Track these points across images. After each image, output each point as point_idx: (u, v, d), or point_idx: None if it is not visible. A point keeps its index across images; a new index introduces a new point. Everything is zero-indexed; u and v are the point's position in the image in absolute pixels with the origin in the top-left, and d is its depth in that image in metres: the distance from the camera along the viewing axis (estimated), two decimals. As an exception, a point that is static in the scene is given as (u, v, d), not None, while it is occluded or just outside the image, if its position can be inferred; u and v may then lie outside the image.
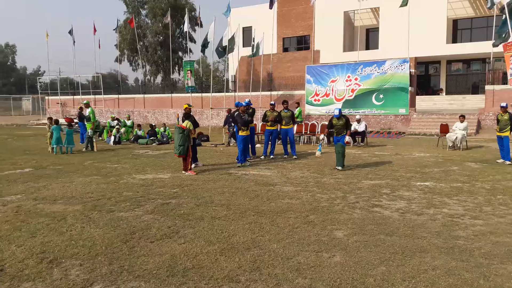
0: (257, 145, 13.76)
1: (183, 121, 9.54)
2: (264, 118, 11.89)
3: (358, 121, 15.49)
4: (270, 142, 11.94)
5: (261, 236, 4.91)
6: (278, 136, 12.50)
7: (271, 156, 11.81)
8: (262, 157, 11.74)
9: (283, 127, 11.93)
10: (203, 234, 4.97)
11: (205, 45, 22.03)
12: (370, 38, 30.89)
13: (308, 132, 16.36)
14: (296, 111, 16.78)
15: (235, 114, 10.79)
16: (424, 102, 25.17)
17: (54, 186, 7.83)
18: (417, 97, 23.98)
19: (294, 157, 11.68)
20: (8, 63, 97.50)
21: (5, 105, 56.61)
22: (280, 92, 26.00)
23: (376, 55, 26.16)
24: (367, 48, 30.16)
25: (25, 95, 64.40)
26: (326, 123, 16.10)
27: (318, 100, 23.27)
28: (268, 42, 26.88)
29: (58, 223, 5.36)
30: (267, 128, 11.93)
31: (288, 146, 11.97)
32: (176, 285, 3.59)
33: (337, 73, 22.57)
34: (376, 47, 28.57)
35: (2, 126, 30.18)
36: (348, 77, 22.23)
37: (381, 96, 21.43)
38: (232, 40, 21.38)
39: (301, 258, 4.23)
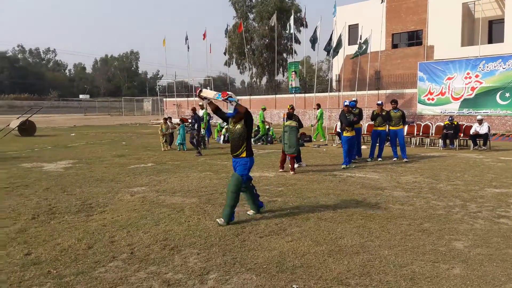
0: (363, 147, 13.31)
1: (286, 121, 9.68)
2: (372, 118, 11.47)
3: (480, 122, 13.97)
4: (377, 144, 11.47)
5: (371, 241, 4.74)
6: (387, 137, 11.94)
7: (379, 159, 11.32)
8: (369, 159, 11.32)
9: (392, 128, 11.35)
10: (309, 234, 4.98)
11: (314, 42, 22.01)
12: (494, 30, 27.68)
13: (421, 134, 15.30)
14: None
15: (340, 114, 10.58)
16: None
17: (173, 180, 8.57)
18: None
19: (405, 160, 11.02)
20: (132, 68, 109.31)
21: (129, 106, 63.74)
22: (388, 91, 24.79)
23: (501, 49, 23.36)
24: (490, 41, 27.10)
25: (146, 97, 71.60)
26: (442, 124, 14.92)
27: (432, 99, 21.63)
28: (376, 39, 25.82)
29: (177, 214, 5.86)
30: (375, 128, 11.48)
31: (398, 148, 11.34)
32: (286, 281, 3.66)
33: (454, 69, 20.72)
34: (501, 40, 25.53)
35: (127, 125, 33.99)
36: (468, 74, 20.24)
37: (507, 94, 19.09)
38: (339, 39, 21.02)
39: (416, 267, 3.98)
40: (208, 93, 5.71)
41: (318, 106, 17.97)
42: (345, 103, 10.60)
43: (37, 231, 5.12)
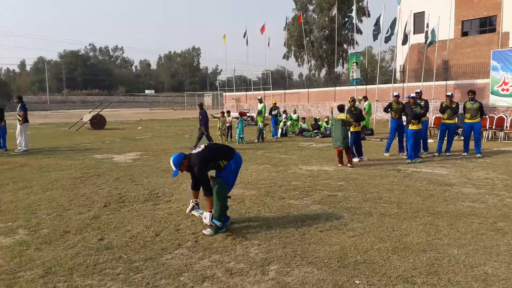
0: (430, 140, 12.64)
1: (337, 115, 9.47)
2: (441, 110, 10.84)
3: None
4: (446, 138, 10.84)
5: (438, 239, 4.51)
6: (456, 131, 11.23)
7: (447, 154, 10.69)
8: (436, 153, 10.74)
9: (467, 120, 10.60)
10: (372, 230, 4.85)
11: (376, 33, 21.23)
12: None
13: (494, 127, 14.22)
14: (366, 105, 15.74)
15: (405, 106, 10.12)
16: None
17: (232, 172, 8.73)
18: None
19: (478, 155, 10.28)
20: (194, 64, 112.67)
21: (191, 101, 65.77)
22: (458, 82, 23.27)
23: None
24: None
25: (206, 92, 73.49)
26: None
27: (507, 90, 19.93)
28: (444, 27, 24.24)
29: (238, 205, 5.97)
30: (443, 121, 10.85)
31: (471, 143, 10.58)
32: (348, 276, 3.60)
33: (534, 57, 18.90)
34: None
35: (189, 118, 35.16)
36: (549, 61, 18.39)
37: None
38: (404, 28, 20.06)
39: (489, 268, 3.73)
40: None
41: (365, 98, 17.39)
42: (411, 96, 10.15)
43: (109, 218, 5.47)
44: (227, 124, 14.99)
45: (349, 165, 9.14)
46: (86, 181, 7.94)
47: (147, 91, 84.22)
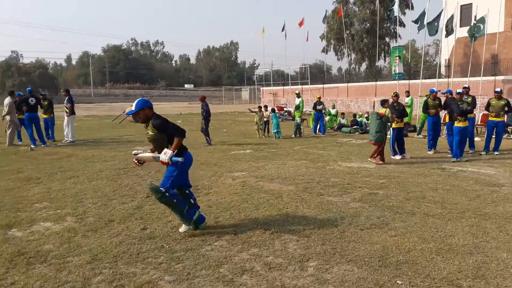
0: (477, 139, 12.09)
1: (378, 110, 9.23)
2: (488, 107, 10.34)
3: None
4: (493, 136, 10.32)
5: (486, 242, 4.31)
6: (505, 129, 10.67)
7: (495, 153, 10.18)
8: (483, 152, 10.25)
9: (491, 118, 10.12)
10: (415, 230, 4.70)
11: (420, 24, 20.43)
12: None
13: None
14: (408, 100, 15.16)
15: (451, 102, 9.71)
16: None
17: (270, 166, 8.75)
18: None
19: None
20: (232, 58, 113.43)
21: (228, 95, 66.38)
22: (508, 77, 22.05)
23: None
24: None
25: (243, 86, 73.87)
26: None
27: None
28: (493, 20, 23.02)
29: (276, 200, 5.98)
30: (491, 119, 10.34)
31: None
32: (390, 276, 3.51)
33: None
34: None
35: (227, 113, 35.48)
36: None
37: None
38: (450, 21, 19.21)
39: (543, 275, 3.52)
40: (145, 157, 4.87)
41: (408, 93, 16.82)
42: (458, 91, 9.74)
43: (151, 208, 5.64)
44: (265, 119, 14.99)
45: (371, 159, 8.98)
46: (129, 172, 8.20)
47: (186, 85, 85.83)
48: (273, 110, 15.11)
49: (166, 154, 4.39)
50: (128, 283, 3.43)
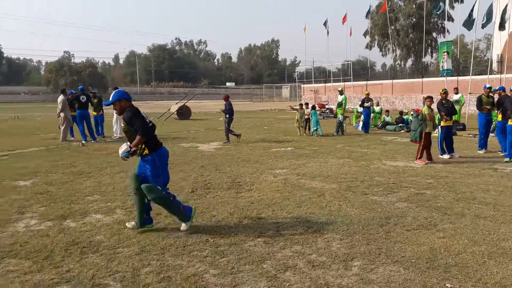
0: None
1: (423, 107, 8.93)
2: None
3: None
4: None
5: (544, 247, 4.06)
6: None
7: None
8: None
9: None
10: (465, 231, 4.51)
11: (469, 21, 19.45)
12: None
13: None
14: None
15: (505, 100, 9.18)
16: None
17: (312, 164, 8.69)
18: None
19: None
20: (273, 56, 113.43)
21: (269, 93, 66.51)
22: None
23: None
24: None
25: (284, 84, 73.68)
26: None
27: None
28: (555, 10, 21.46)
29: (318, 198, 5.94)
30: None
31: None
32: (438, 279, 3.40)
33: None
34: None
35: (267, 110, 35.57)
36: None
37: None
38: (504, 14, 18.14)
39: None
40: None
41: (456, 90, 16.05)
42: (498, 88, 9.31)
43: (196, 203, 5.77)
44: (306, 117, 14.88)
45: (417, 161, 8.67)
46: (175, 167, 8.42)
47: (227, 84, 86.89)
48: (313, 107, 14.96)
49: (121, 148, 4.48)
50: (175, 275, 3.54)
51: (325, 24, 38.06)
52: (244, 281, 3.44)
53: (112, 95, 4.64)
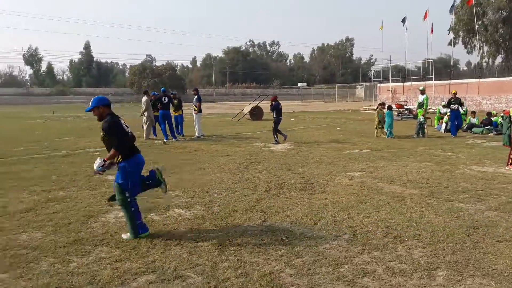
0: None
1: None
2: None
3: None
4: None
5: None
6: None
7: None
8: None
9: None
10: None
11: None
12: None
13: None
14: None
15: None
16: None
17: (390, 168, 8.34)
18: None
19: None
20: (347, 55, 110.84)
21: (341, 93, 65.04)
22: None
23: None
24: None
25: (358, 83, 71.50)
26: None
27: None
28: None
29: (398, 203, 5.68)
30: None
31: None
32: (538, 298, 3.09)
33: None
34: None
35: (340, 111, 34.80)
36: None
37: None
38: None
39: None
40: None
41: None
42: None
43: (270, 202, 5.84)
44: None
45: (508, 167, 7.89)
46: (249, 166, 8.62)
47: (299, 84, 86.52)
48: (389, 108, 14.31)
49: (95, 163, 4.41)
50: (252, 272, 3.62)
51: (403, 21, 36.34)
52: (321, 283, 3.41)
53: (91, 101, 4.53)
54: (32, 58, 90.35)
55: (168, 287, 3.39)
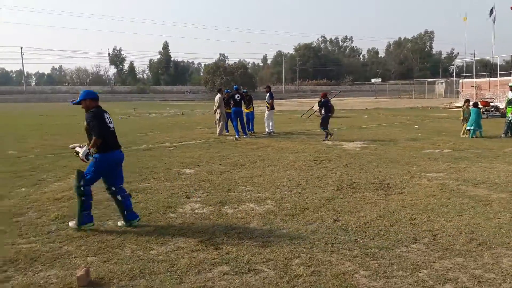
0: None
1: None
2: None
3: None
4: None
5: None
6: None
7: None
8: None
9: None
10: None
11: None
12: None
13: None
14: None
15: None
16: None
17: (474, 169, 7.74)
18: None
19: None
20: (426, 49, 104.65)
21: (420, 89, 61.61)
22: None
23: None
24: None
25: (438, 79, 67.20)
26: None
27: None
28: None
29: (483, 208, 5.26)
30: None
31: None
32: None
33: None
34: None
35: (417, 108, 32.96)
36: None
37: None
38: None
39: None
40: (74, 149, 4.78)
41: None
42: None
43: (341, 201, 5.72)
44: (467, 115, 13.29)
45: None
46: (319, 164, 8.51)
47: (373, 80, 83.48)
48: (475, 105, 13.24)
49: (81, 151, 4.58)
50: (325, 271, 3.57)
51: (491, 11, 33.39)
52: (398, 287, 3.27)
53: (80, 94, 4.85)
54: (116, 58, 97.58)
55: (242, 280, 3.46)
